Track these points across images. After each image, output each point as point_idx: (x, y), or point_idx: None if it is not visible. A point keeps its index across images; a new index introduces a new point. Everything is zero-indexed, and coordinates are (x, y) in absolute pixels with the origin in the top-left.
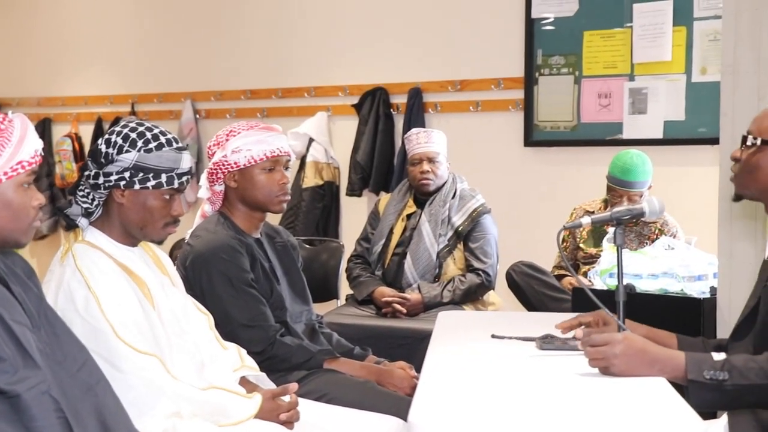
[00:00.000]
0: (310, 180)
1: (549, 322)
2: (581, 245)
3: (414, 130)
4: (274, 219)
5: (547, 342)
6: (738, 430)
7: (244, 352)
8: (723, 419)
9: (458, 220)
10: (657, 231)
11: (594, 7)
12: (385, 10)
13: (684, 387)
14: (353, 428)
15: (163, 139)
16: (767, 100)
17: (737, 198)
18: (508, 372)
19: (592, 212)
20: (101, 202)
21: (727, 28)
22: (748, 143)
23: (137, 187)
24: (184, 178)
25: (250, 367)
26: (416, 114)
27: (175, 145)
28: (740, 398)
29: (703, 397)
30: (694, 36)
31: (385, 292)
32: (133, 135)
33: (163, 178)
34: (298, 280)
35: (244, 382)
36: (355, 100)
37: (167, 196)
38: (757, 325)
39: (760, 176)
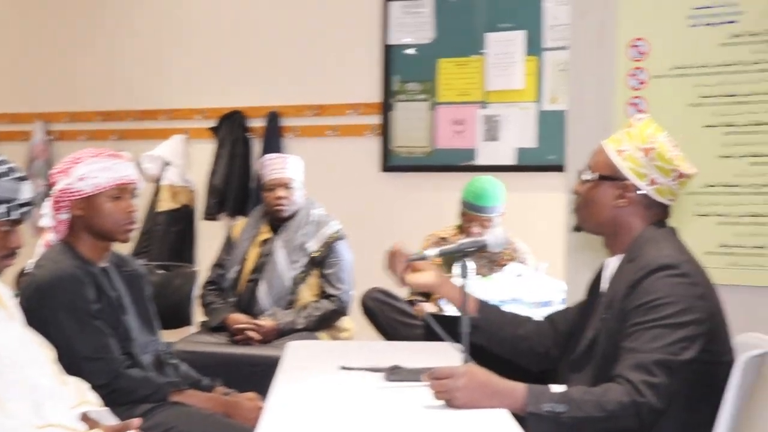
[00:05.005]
0: (166, 203)
1: (400, 351)
2: None
3: (269, 156)
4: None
5: (394, 374)
6: None
7: (86, 386)
8: None
9: (313, 246)
10: (507, 257)
11: (449, 34)
12: (242, 34)
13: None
14: None
15: (1, 168)
16: (611, 132)
17: (577, 229)
18: (354, 404)
19: (445, 238)
20: None
21: (573, 60)
22: (586, 178)
23: None
24: (25, 209)
25: (92, 403)
26: (274, 138)
27: (14, 174)
28: (577, 430)
29: (542, 429)
30: (545, 65)
31: (239, 319)
32: None
33: (1, 209)
34: (145, 309)
35: (85, 418)
36: (213, 123)
37: (5, 228)
38: (597, 359)
39: (596, 211)
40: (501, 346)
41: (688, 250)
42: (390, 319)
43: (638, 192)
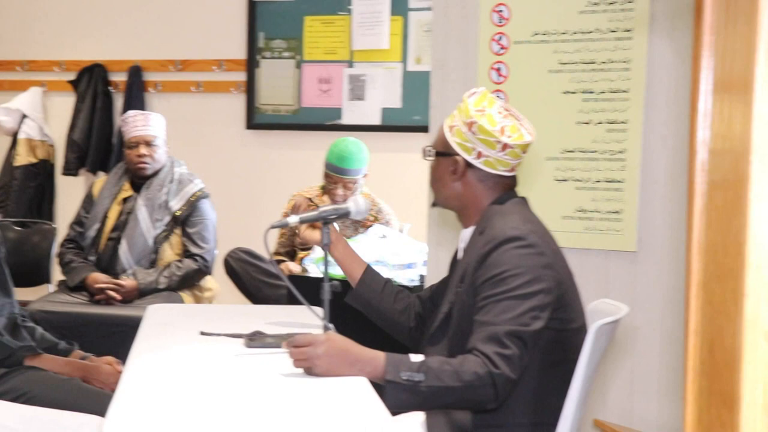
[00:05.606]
0: (23, 158)
1: (263, 315)
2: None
3: (131, 113)
4: None
5: (254, 340)
6: (434, 430)
7: None
8: (419, 416)
9: (176, 204)
10: (372, 218)
11: None
12: None
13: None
14: (51, 430)
15: None
16: None
17: (434, 204)
18: (212, 371)
19: (310, 199)
20: None
21: (437, 23)
22: (427, 156)
23: None
24: None
25: None
26: (136, 93)
27: None
28: (434, 399)
29: (400, 398)
30: (410, 26)
31: (98, 278)
32: None
33: None
34: None
35: None
36: (72, 76)
37: None
38: (451, 331)
39: (440, 187)
40: (377, 317)
41: (536, 219)
42: (254, 279)
43: (469, 166)
